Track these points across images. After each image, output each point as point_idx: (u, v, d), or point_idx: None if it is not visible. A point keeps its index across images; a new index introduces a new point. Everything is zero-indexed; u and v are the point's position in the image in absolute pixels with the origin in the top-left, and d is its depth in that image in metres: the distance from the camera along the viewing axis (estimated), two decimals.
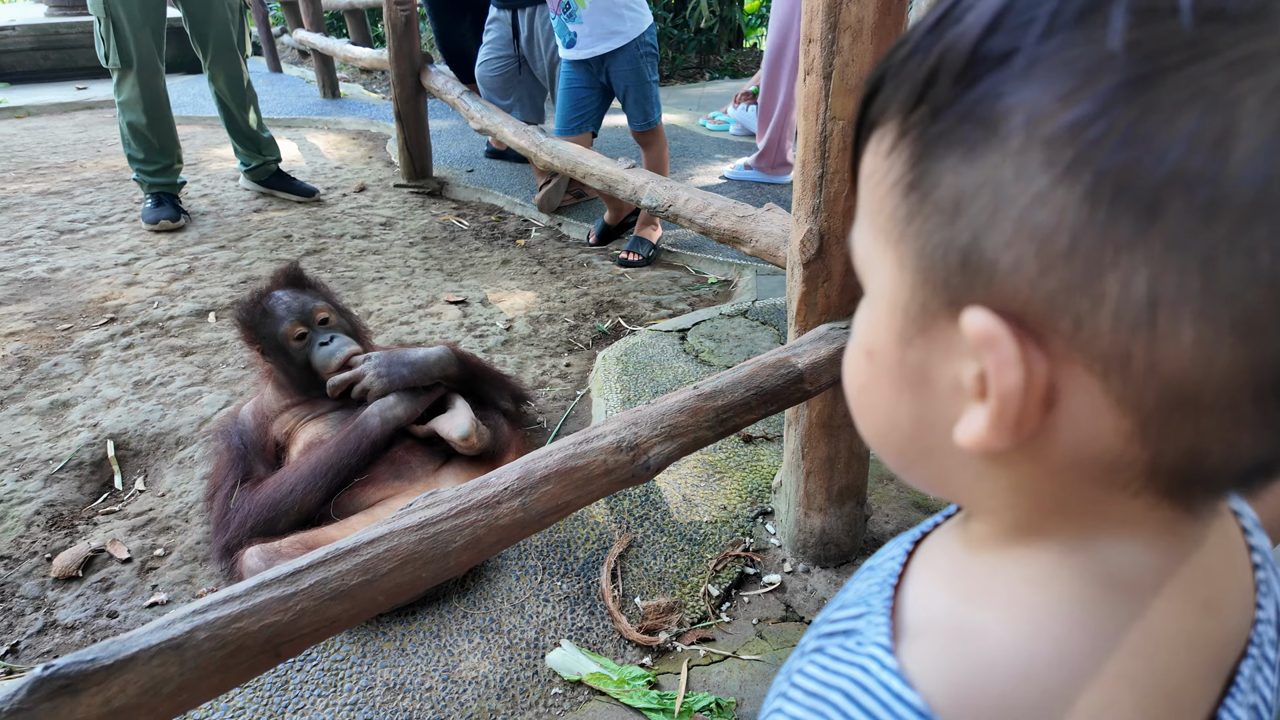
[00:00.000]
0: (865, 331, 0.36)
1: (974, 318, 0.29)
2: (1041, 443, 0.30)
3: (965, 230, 0.29)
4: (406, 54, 3.54)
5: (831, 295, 1.23)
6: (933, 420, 0.34)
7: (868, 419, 0.38)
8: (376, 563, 0.79)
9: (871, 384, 0.36)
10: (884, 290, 0.34)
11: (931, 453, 0.35)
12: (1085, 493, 0.32)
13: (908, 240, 0.31)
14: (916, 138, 0.30)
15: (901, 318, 0.33)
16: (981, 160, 0.28)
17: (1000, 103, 0.27)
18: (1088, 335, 0.27)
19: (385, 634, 1.33)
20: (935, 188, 0.30)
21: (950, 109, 0.29)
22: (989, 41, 0.28)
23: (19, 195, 3.74)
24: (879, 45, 1.08)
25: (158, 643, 0.68)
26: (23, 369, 2.21)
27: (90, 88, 6.60)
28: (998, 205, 0.28)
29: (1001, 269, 0.28)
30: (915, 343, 0.33)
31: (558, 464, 0.95)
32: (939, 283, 0.31)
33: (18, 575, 1.52)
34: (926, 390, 0.33)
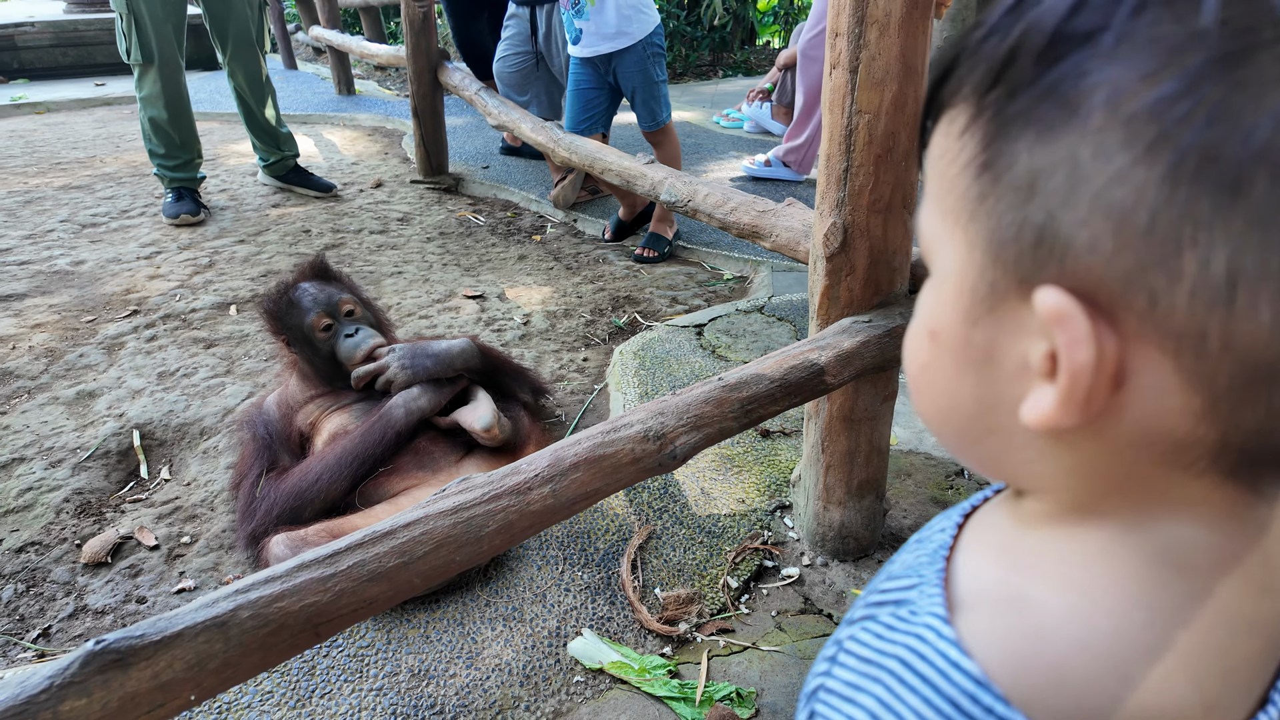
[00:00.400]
0: (930, 312, 0.37)
1: (1047, 295, 0.29)
2: (1107, 422, 0.31)
3: (1040, 209, 0.29)
4: (424, 50, 3.56)
5: (854, 289, 1.24)
6: (996, 400, 0.34)
7: (928, 398, 0.38)
8: (413, 545, 0.80)
9: (934, 364, 0.37)
10: (951, 271, 0.34)
11: (992, 432, 0.35)
12: (1147, 472, 0.32)
13: (979, 220, 0.32)
14: (991, 118, 0.31)
15: (969, 298, 0.33)
16: (1059, 139, 0.28)
17: (1082, 81, 0.28)
18: (1163, 313, 0.28)
19: (410, 621, 1.34)
20: (1010, 168, 0.30)
21: (1029, 88, 0.29)
22: (1075, 20, 0.28)
23: (41, 190, 3.79)
24: (906, 39, 1.08)
25: (203, 620, 0.70)
26: (49, 360, 2.25)
27: (109, 84, 6.66)
28: (1075, 183, 0.28)
29: (1076, 247, 0.29)
30: (983, 323, 0.33)
31: (587, 452, 0.97)
32: (1010, 262, 0.31)
33: (48, 561, 1.54)
34: (992, 370, 0.34)
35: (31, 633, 1.39)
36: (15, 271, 2.84)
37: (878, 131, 1.13)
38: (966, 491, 1.66)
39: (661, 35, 2.85)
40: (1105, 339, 0.29)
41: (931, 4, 1.10)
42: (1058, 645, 0.33)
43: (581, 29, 2.78)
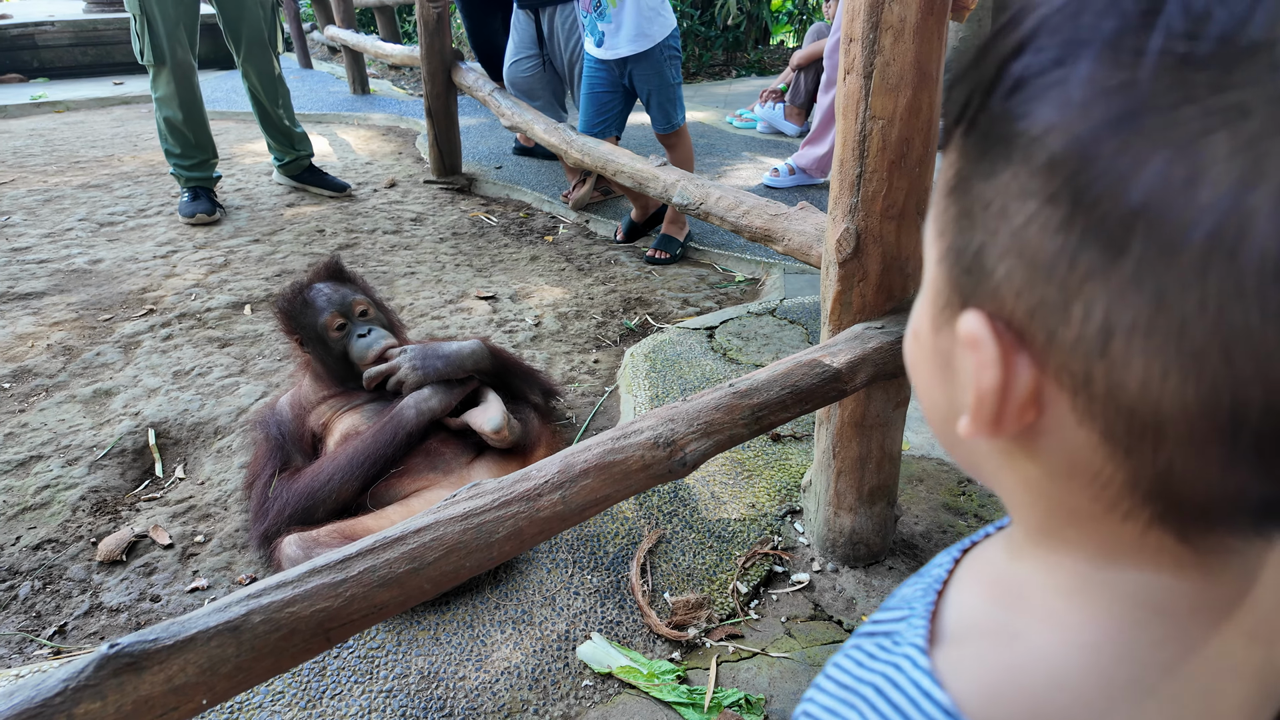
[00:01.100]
0: (916, 313, 0.39)
1: (966, 319, 0.32)
2: (1036, 444, 0.32)
3: (977, 237, 0.31)
4: (438, 50, 3.57)
5: (867, 295, 1.23)
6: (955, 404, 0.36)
7: (919, 394, 0.41)
8: (423, 551, 0.80)
9: (918, 364, 0.39)
10: (929, 278, 0.37)
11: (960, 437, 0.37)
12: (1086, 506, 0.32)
13: (945, 238, 0.34)
14: (960, 145, 0.32)
15: (934, 307, 0.36)
16: (998, 175, 0.30)
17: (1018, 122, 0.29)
18: (1057, 352, 0.29)
19: (420, 623, 1.35)
20: (965, 194, 0.32)
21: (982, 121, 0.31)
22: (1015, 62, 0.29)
23: (60, 188, 3.83)
24: (920, 45, 1.08)
25: (216, 624, 0.70)
26: (67, 358, 2.27)
27: (127, 83, 6.73)
28: (1001, 218, 0.29)
29: (996, 278, 0.30)
30: (943, 332, 0.35)
31: (596, 458, 0.97)
32: (956, 281, 0.33)
33: (65, 558, 1.56)
34: (951, 377, 0.36)
35: (48, 630, 1.40)
36: (34, 270, 2.87)
37: (891, 137, 1.13)
38: (979, 498, 1.65)
39: (678, 38, 2.84)
40: (1019, 366, 0.30)
41: (947, 9, 1.09)
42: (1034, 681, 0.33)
43: (605, 31, 2.78)
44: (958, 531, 1.55)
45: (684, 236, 3.06)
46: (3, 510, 1.68)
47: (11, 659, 1.35)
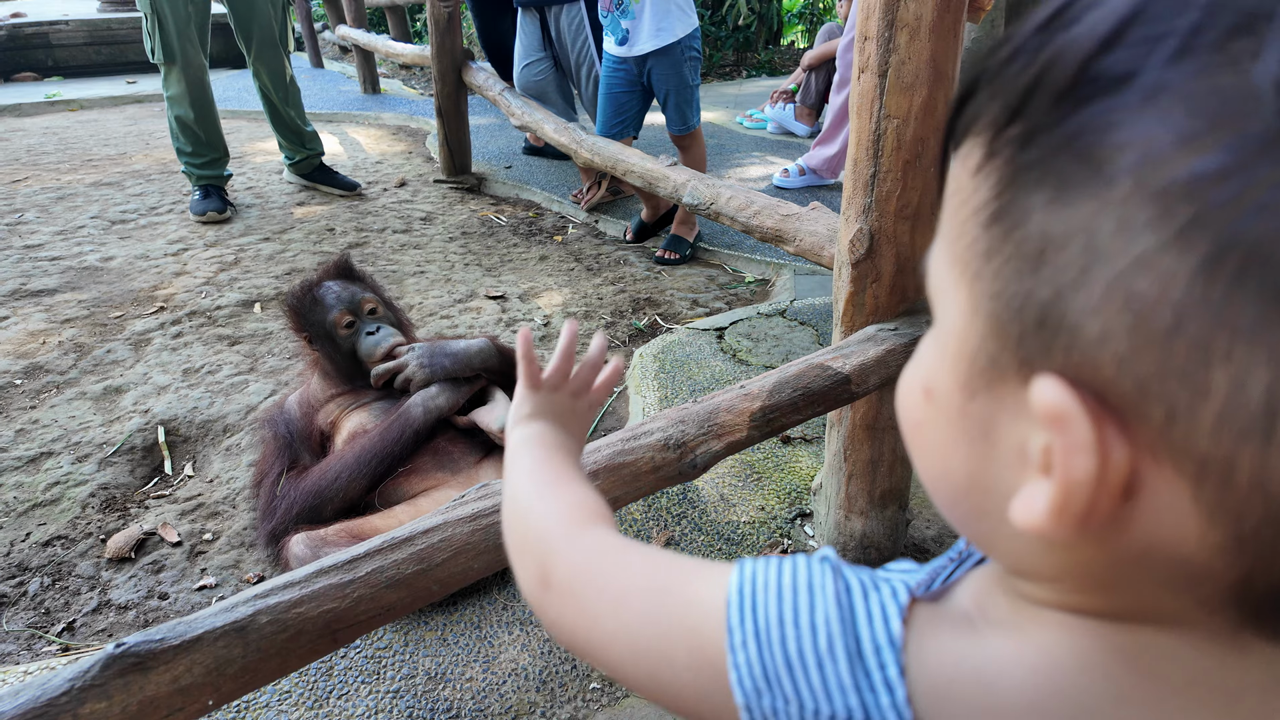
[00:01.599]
0: (928, 367, 0.33)
1: (1046, 388, 0.25)
2: (1112, 533, 0.26)
3: (1048, 283, 0.25)
4: (449, 50, 3.58)
5: (880, 296, 1.22)
6: (989, 482, 0.30)
7: (920, 458, 0.34)
8: (431, 552, 0.80)
9: (927, 425, 0.33)
10: (953, 328, 0.30)
11: (983, 515, 0.31)
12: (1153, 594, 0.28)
13: (984, 280, 0.28)
14: (1007, 161, 0.26)
15: (968, 366, 0.29)
16: (1077, 203, 0.24)
17: (1108, 136, 0.23)
18: (1182, 433, 0.23)
19: (427, 623, 1.34)
20: (1020, 225, 0.26)
21: (1047, 134, 0.25)
22: (1105, 57, 0.24)
23: (73, 186, 3.85)
24: (937, 43, 1.06)
25: (222, 625, 0.70)
26: (78, 355, 2.28)
27: (139, 82, 6.77)
28: (1090, 261, 0.24)
29: (1085, 337, 0.24)
30: (980, 397, 0.29)
31: (606, 460, 0.96)
32: (1013, 338, 0.27)
33: (74, 555, 1.56)
34: (987, 448, 0.30)
35: (56, 626, 1.40)
36: (47, 267, 2.88)
37: (906, 137, 1.11)
38: None
39: (699, 39, 2.83)
40: (1113, 447, 0.24)
41: (964, 7, 1.08)
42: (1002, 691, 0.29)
43: (628, 29, 2.78)
44: None
45: (694, 237, 3.05)
46: (13, 506, 1.68)
47: (20, 655, 1.35)
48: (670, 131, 2.96)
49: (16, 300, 2.62)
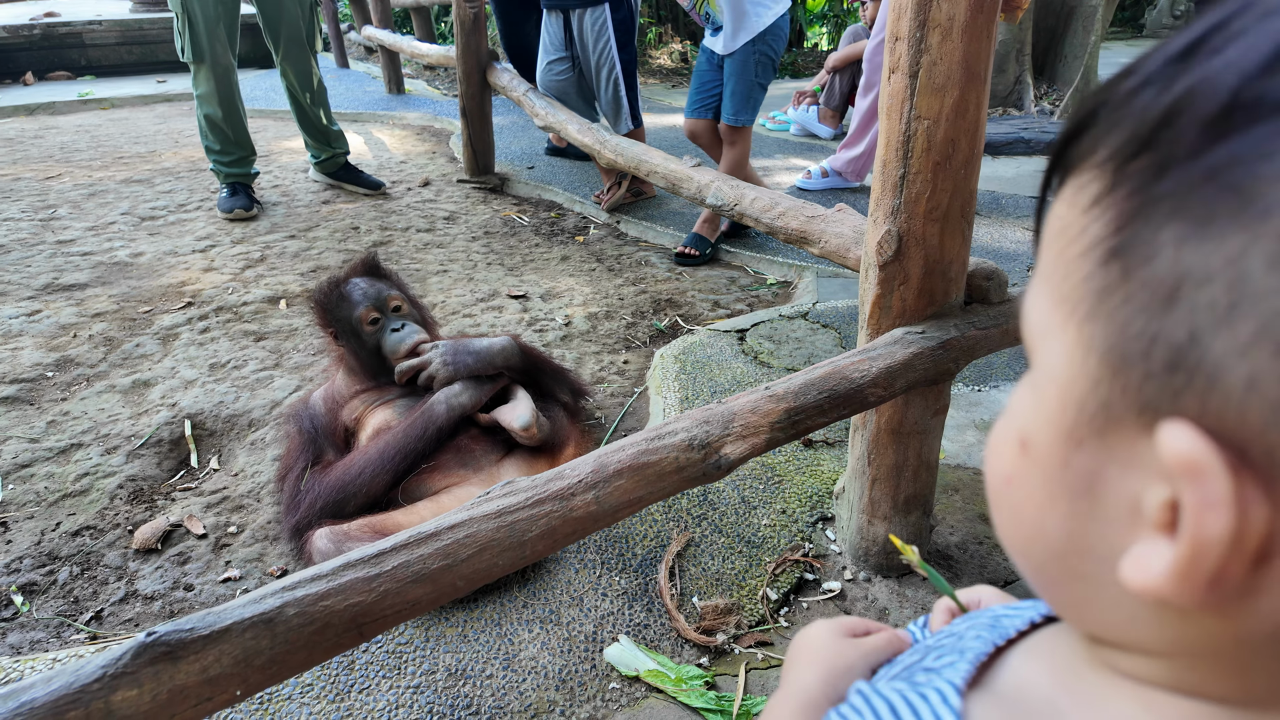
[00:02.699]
0: (1025, 416, 0.30)
1: (1179, 437, 0.23)
2: (1240, 603, 0.24)
3: (1183, 324, 0.23)
4: (473, 51, 3.60)
5: (908, 299, 1.21)
6: (1090, 543, 0.28)
7: (1007, 518, 0.32)
8: (457, 548, 0.80)
9: (1021, 480, 0.31)
10: (1057, 373, 0.28)
11: (1080, 578, 0.29)
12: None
13: (1099, 320, 0.26)
14: (1132, 194, 0.25)
15: (1075, 412, 0.27)
16: (1222, 237, 0.22)
17: (1264, 165, 0.22)
18: None
19: (448, 620, 1.35)
20: (1148, 262, 0.24)
21: (1188, 164, 0.23)
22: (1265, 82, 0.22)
23: (104, 183, 3.92)
24: (969, 44, 1.05)
25: (250, 616, 0.70)
26: (107, 348, 2.32)
27: (169, 81, 6.88)
28: (1237, 300, 0.22)
29: (1228, 383, 0.22)
30: (1088, 446, 0.27)
31: (630, 459, 0.95)
32: (1134, 381, 0.25)
33: (102, 545, 1.59)
34: (1092, 505, 0.27)
35: (84, 615, 1.43)
36: (78, 262, 2.94)
37: (937, 138, 1.10)
38: None
39: (778, 39, 2.84)
40: (1252, 506, 0.22)
41: (997, 7, 1.06)
42: None
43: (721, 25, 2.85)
44: (994, 542, 1.51)
45: (716, 238, 3.04)
46: (44, 496, 1.71)
47: (49, 643, 1.37)
48: (721, 120, 2.98)
49: (49, 294, 2.67)
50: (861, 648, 0.55)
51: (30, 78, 6.80)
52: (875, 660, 0.55)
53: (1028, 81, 4.94)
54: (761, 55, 2.84)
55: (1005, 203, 3.49)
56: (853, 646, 0.55)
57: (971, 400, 1.98)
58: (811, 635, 0.57)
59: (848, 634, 0.57)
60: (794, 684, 0.53)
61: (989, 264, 1.27)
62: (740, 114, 2.91)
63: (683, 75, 7.47)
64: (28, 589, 1.48)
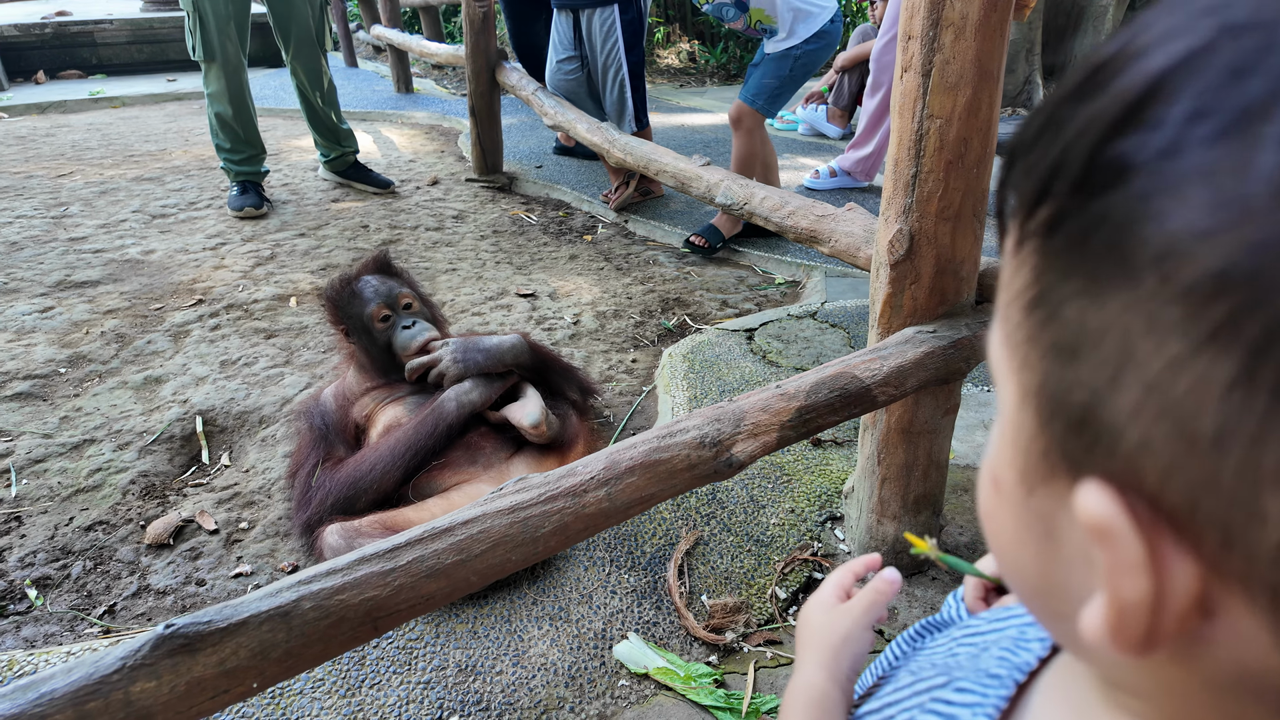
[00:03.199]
0: (994, 454, 0.30)
1: (1088, 498, 0.23)
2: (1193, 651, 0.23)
3: (1083, 384, 0.23)
4: (483, 50, 3.60)
5: (919, 298, 1.21)
6: (1061, 582, 0.27)
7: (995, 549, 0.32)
8: (470, 543, 0.80)
9: (997, 515, 0.30)
10: (1009, 417, 0.28)
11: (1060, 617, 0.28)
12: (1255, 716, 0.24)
13: (1029, 369, 0.26)
14: (1039, 247, 0.24)
15: (1024, 458, 0.27)
16: (1107, 297, 0.22)
17: (1133, 227, 0.21)
18: (1242, 558, 0.20)
19: (458, 616, 1.35)
20: (1055, 317, 0.24)
21: (1071, 220, 0.23)
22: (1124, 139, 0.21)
23: (116, 181, 3.94)
24: (982, 43, 1.05)
25: (267, 609, 0.71)
26: (119, 345, 2.33)
27: (179, 80, 6.91)
28: (1123, 362, 0.21)
29: (1127, 442, 0.22)
30: (1039, 492, 0.27)
31: (642, 456, 0.96)
32: (1057, 435, 0.25)
33: (115, 540, 1.60)
34: (1053, 548, 0.27)
35: (98, 609, 1.44)
36: (90, 259, 2.95)
37: (949, 137, 1.10)
38: None
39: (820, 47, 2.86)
40: (1174, 565, 0.22)
41: (1010, 6, 1.06)
42: None
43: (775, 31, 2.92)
44: None
45: (730, 235, 3.04)
46: (57, 491, 1.73)
47: (63, 636, 1.39)
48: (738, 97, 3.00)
49: (61, 291, 2.69)
50: (852, 613, 0.55)
51: (42, 76, 6.84)
52: (871, 618, 0.56)
53: (1037, 81, 4.92)
54: (806, 55, 2.86)
55: None
56: (844, 615, 0.55)
57: (981, 400, 1.98)
58: (805, 619, 0.58)
59: (838, 599, 0.57)
60: (799, 680, 0.53)
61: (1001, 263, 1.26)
62: (758, 97, 2.91)
63: (690, 75, 7.47)
64: (41, 583, 1.49)
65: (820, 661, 0.52)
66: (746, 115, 2.93)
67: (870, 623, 0.56)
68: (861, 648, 0.54)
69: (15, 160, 4.34)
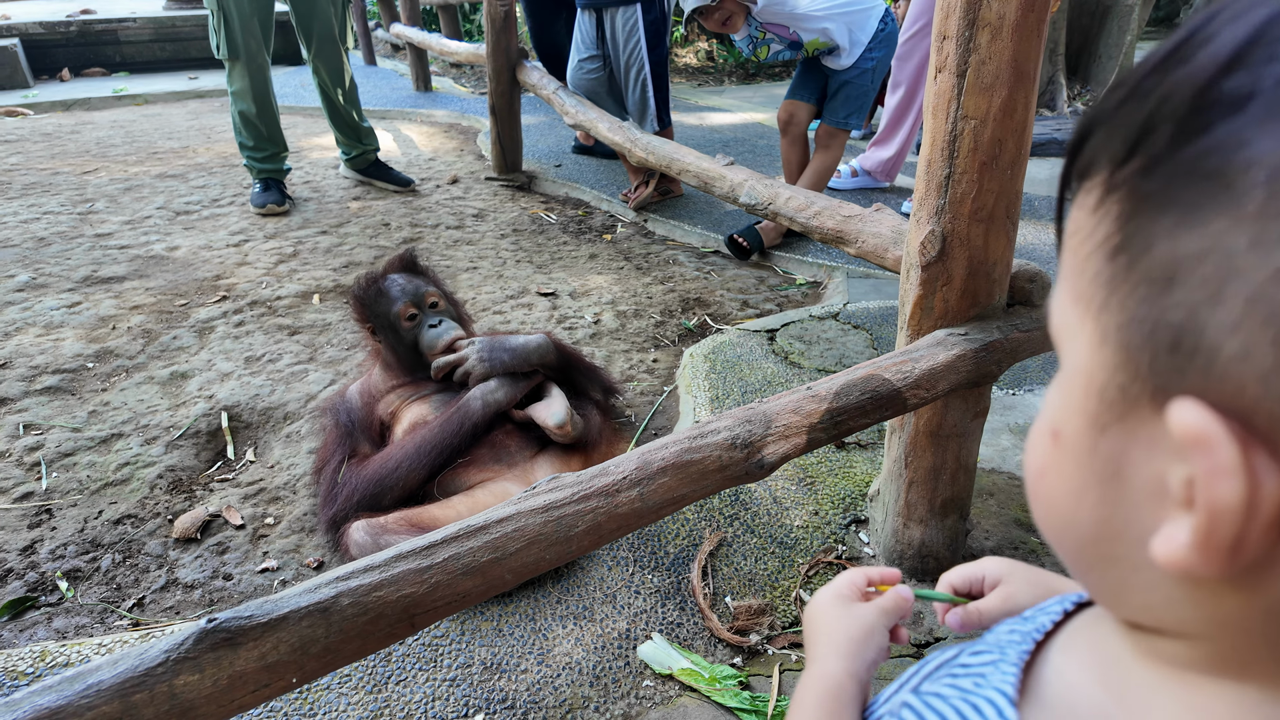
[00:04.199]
0: (1055, 409, 0.32)
1: (1183, 411, 0.24)
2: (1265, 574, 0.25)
3: (1180, 306, 0.25)
4: (503, 49, 3.61)
5: (950, 300, 1.20)
6: (1121, 525, 0.29)
7: (1044, 508, 0.34)
8: (505, 541, 0.80)
9: (1054, 470, 0.32)
10: (1080, 366, 0.30)
11: (1114, 562, 0.30)
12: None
13: (1110, 311, 0.28)
14: (1127, 195, 0.27)
15: (1097, 400, 0.29)
16: (1206, 223, 0.24)
17: (1237, 155, 0.23)
18: None
19: (484, 614, 1.36)
20: (1146, 252, 0.26)
21: (1169, 162, 0.25)
22: (1227, 80, 0.24)
23: (140, 178, 3.99)
24: (1019, 43, 1.04)
25: (306, 605, 0.71)
26: (145, 340, 2.36)
27: (201, 77, 6.97)
28: (1224, 278, 0.23)
29: (1225, 356, 0.23)
30: (1111, 431, 0.28)
31: (674, 457, 0.96)
32: (1144, 365, 0.26)
33: (143, 534, 1.62)
34: (1119, 489, 0.29)
35: (127, 602, 1.45)
36: (116, 255, 2.99)
37: (984, 138, 1.09)
38: None
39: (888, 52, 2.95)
40: (1263, 473, 0.23)
41: (1048, 7, 1.05)
42: None
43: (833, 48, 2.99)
44: (1030, 548, 1.50)
45: (769, 245, 3.02)
46: (87, 485, 1.75)
47: (94, 628, 1.40)
48: (824, 119, 3.10)
49: (88, 286, 2.72)
50: (878, 606, 0.55)
51: (67, 74, 6.93)
52: (893, 618, 0.56)
53: (1061, 82, 4.87)
54: (879, 62, 2.96)
55: (1038, 204, 3.45)
56: (869, 611, 0.55)
57: (1006, 404, 1.96)
58: (820, 611, 0.57)
59: (855, 596, 0.57)
60: (816, 671, 0.52)
61: (1032, 266, 1.25)
62: (851, 118, 3.02)
63: (709, 75, 7.45)
64: (72, 575, 1.51)
65: (840, 654, 0.53)
66: (839, 135, 3.06)
67: (890, 625, 0.56)
68: (881, 645, 0.54)
69: (41, 157, 4.40)
